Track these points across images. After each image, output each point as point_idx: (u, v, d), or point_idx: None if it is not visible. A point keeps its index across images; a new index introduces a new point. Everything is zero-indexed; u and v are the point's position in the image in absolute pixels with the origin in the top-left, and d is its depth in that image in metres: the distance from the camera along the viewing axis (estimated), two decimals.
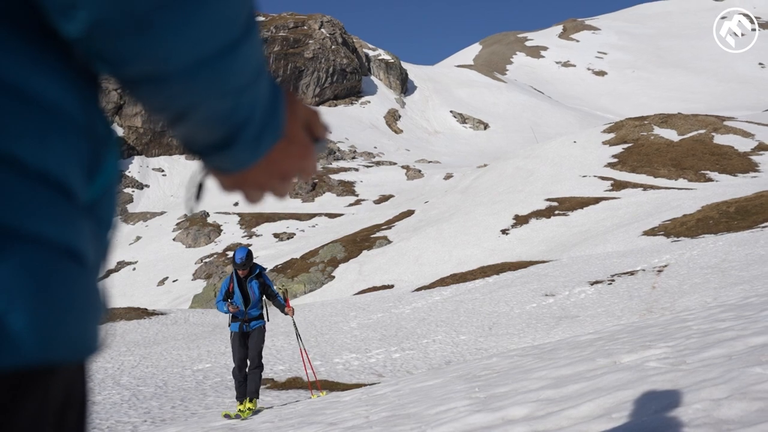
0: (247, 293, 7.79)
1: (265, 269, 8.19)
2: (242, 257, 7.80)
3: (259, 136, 0.71)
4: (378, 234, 41.13)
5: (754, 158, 44.99)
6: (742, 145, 47.27)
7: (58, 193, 0.57)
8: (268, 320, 8.23)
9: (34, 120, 0.55)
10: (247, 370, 7.73)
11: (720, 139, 48.59)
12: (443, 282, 22.31)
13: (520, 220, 35.87)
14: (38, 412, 0.55)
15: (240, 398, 7.69)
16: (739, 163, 44.24)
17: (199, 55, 0.61)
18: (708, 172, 43.03)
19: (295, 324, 9.55)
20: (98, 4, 0.56)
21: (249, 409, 7.46)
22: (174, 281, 45.60)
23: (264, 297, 8.08)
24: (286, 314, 8.37)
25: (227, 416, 7.37)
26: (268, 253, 45.04)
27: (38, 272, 0.53)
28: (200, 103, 0.65)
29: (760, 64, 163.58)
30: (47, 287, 0.54)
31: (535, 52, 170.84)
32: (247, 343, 7.77)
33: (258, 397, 7.79)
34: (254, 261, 8.15)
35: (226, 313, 7.70)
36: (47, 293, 0.54)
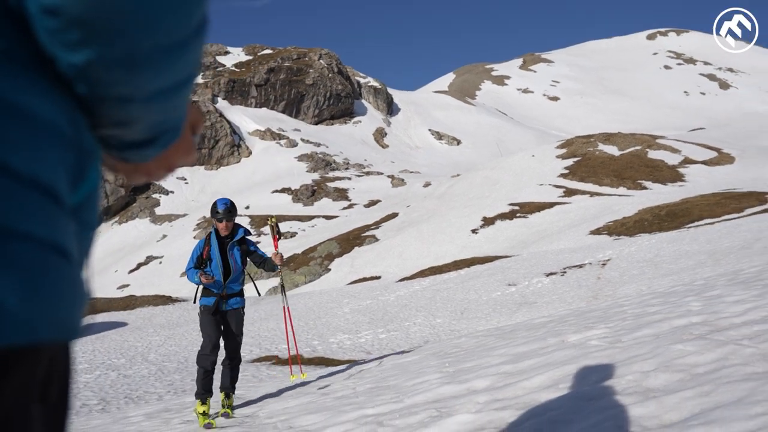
0: (227, 261, 5.38)
1: (249, 233, 5.65)
2: (226, 203, 5.44)
3: (169, 139, 0.73)
4: (368, 233, 41.03)
5: (681, 170, 45.33)
6: (671, 159, 47.62)
7: (46, 197, 0.56)
8: (260, 295, 6.33)
9: (28, 134, 0.55)
10: (220, 362, 5.41)
11: (653, 154, 48.92)
12: (422, 274, 22.29)
13: (488, 222, 35.90)
14: (24, 383, 0.55)
15: (203, 394, 5.13)
16: (669, 174, 44.55)
17: (162, 87, 0.63)
18: (643, 181, 43.29)
19: (281, 275, 6.54)
20: (106, 46, 0.56)
21: (228, 407, 5.32)
22: None
23: (245, 270, 5.63)
24: (273, 269, 5.70)
25: (208, 425, 4.91)
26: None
27: (25, 265, 0.53)
28: (145, 118, 0.66)
29: (685, 92, 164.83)
30: (33, 278, 0.54)
31: (500, 80, 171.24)
32: (223, 324, 5.40)
33: (234, 392, 5.54)
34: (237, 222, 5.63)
35: (197, 284, 5.29)
36: (33, 283, 0.54)
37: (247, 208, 59.53)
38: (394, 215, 46.43)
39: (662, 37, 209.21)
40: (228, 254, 5.41)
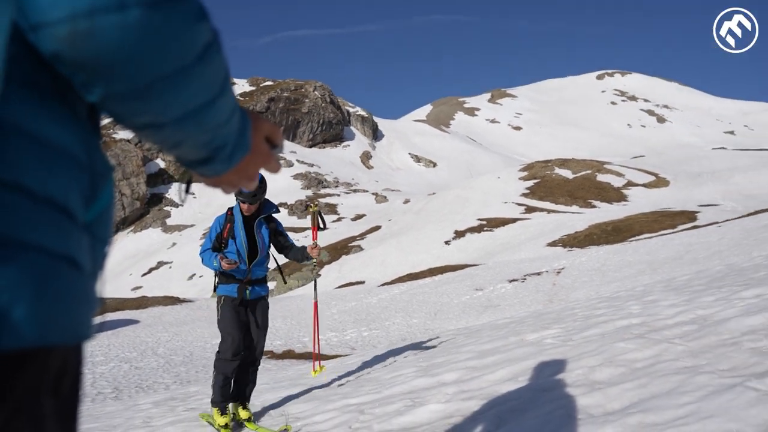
0: (255, 241, 4.03)
1: (278, 209, 4.22)
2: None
3: (231, 155, 0.73)
4: (354, 243, 40.90)
5: (625, 192, 45.91)
6: (617, 182, 48.23)
7: (60, 214, 0.56)
8: (285, 282, 5.25)
9: (43, 158, 0.55)
10: (244, 360, 4.00)
11: (601, 177, 49.51)
12: (401, 279, 22.23)
13: (459, 234, 35.99)
14: (36, 380, 0.55)
15: (222, 403, 3.94)
16: (614, 195, 45.09)
17: (185, 110, 0.62)
18: (593, 201, 43.76)
19: (315, 268, 4.72)
20: (108, 82, 0.56)
21: (249, 419, 4.02)
22: (200, 277, 44.73)
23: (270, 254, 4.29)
24: (307, 259, 4.23)
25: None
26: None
27: (38, 274, 0.53)
28: (187, 139, 0.66)
29: (628, 125, 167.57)
30: (46, 286, 0.53)
31: (471, 111, 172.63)
32: (249, 319, 4.02)
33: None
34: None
35: (215, 269, 3.93)
36: (45, 291, 0.53)
37: None
38: (377, 228, 46.37)
39: (609, 77, 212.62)
40: (255, 232, 4.05)
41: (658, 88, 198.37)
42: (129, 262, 58.21)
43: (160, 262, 52.91)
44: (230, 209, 4.14)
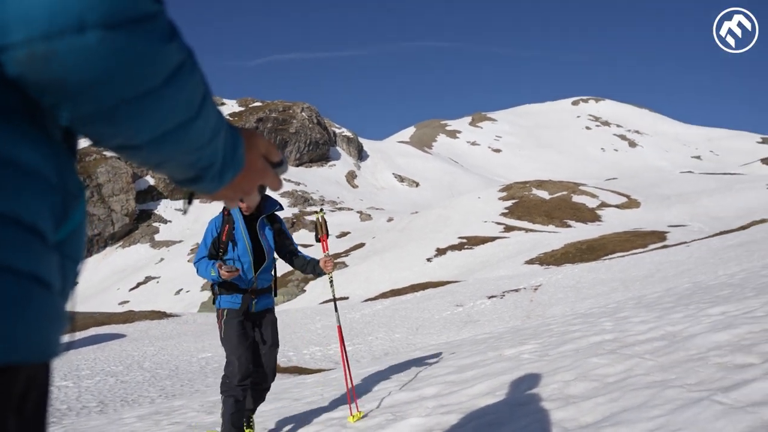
0: (259, 244, 3.44)
1: (281, 207, 3.60)
2: None
3: (221, 173, 0.71)
4: (338, 260, 40.75)
5: (599, 212, 46.54)
6: (591, 203, 48.88)
7: (28, 234, 0.54)
8: (275, 295, 3.66)
9: (12, 179, 0.53)
10: (252, 383, 3.44)
11: (576, 198, 50.16)
12: (384, 295, 22.15)
13: (440, 252, 36.05)
14: (1, 398, 0.52)
15: None
16: (589, 215, 45.67)
17: (159, 133, 0.60)
18: (568, 220, 44.25)
19: (332, 286, 3.96)
20: (74, 105, 0.54)
21: None
22: (187, 292, 44.13)
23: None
24: (319, 274, 3.67)
25: None
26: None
27: (3, 294, 0.51)
28: (168, 160, 0.65)
29: (602, 149, 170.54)
30: (11, 305, 0.51)
31: (453, 134, 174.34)
32: (255, 334, 3.46)
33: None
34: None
35: (214, 280, 3.33)
36: (11, 310, 0.51)
37: None
38: (361, 245, 46.28)
39: (584, 103, 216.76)
40: (259, 234, 3.43)
41: (630, 115, 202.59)
42: (117, 276, 57.22)
43: (147, 277, 52.11)
44: (226, 208, 3.40)
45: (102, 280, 58.01)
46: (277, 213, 3.64)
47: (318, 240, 3.87)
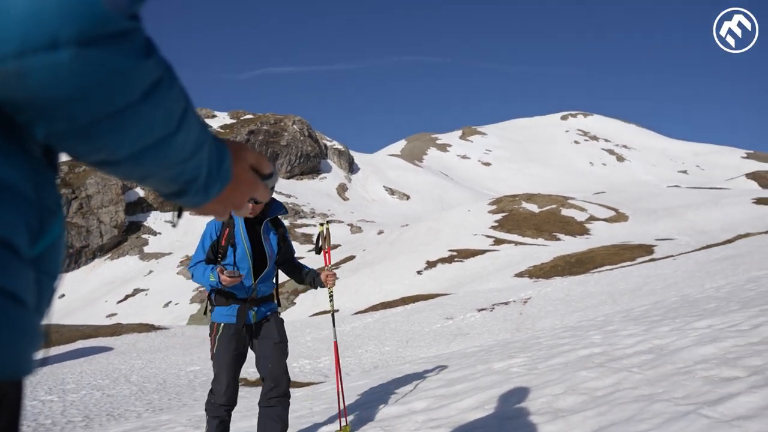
0: (261, 249, 3.17)
1: (285, 210, 3.35)
2: None
3: (207, 186, 0.70)
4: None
5: (587, 225, 46.84)
6: (580, 216, 49.21)
7: (1, 249, 0.53)
8: (279, 305, 3.43)
9: None
10: (264, 396, 3.08)
11: (565, 212, 50.49)
12: (374, 308, 22.08)
13: (431, 265, 36.04)
14: None
15: None
16: (578, 229, 45.95)
17: (138, 148, 0.59)
18: (558, 234, 44.48)
19: (332, 300, 3.89)
20: (48, 122, 0.54)
21: None
22: (176, 304, 43.67)
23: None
24: (319, 286, 3.44)
25: None
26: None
27: None
28: (150, 175, 0.64)
29: (591, 163, 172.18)
30: None
31: (443, 147, 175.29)
32: (254, 346, 3.17)
33: None
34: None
35: (212, 286, 3.05)
36: None
37: None
38: (352, 257, 46.16)
39: (572, 118, 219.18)
40: (262, 238, 3.16)
41: (618, 130, 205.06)
42: (105, 289, 56.56)
43: (136, 289, 51.56)
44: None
45: (90, 292, 57.31)
46: (281, 217, 3.36)
47: (319, 252, 3.64)
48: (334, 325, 3.82)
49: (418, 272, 34.98)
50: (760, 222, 38.86)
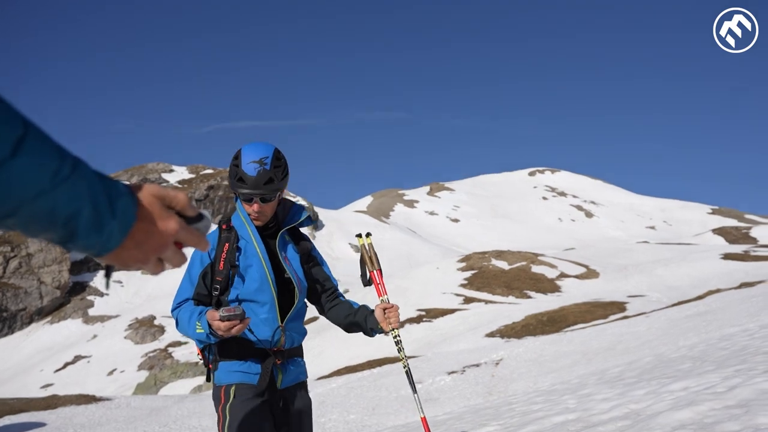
0: (282, 271, 2.22)
1: (311, 220, 2.53)
2: (264, 158, 2.14)
3: (99, 225, 0.66)
4: None
5: (558, 282, 47.50)
6: (550, 273, 49.96)
7: None
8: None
9: None
10: None
11: (536, 268, 51.21)
12: (338, 372, 21.47)
13: (399, 325, 35.57)
14: None
15: None
16: (549, 286, 46.51)
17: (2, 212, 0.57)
18: (528, 291, 44.89)
19: (401, 351, 2.86)
20: None
21: None
22: (121, 372, 41.54)
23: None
24: (374, 331, 2.56)
25: None
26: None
27: None
28: (13, 212, 0.61)
29: (559, 219, 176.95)
30: None
31: (410, 204, 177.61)
32: (278, 427, 2.15)
33: None
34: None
35: (202, 341, 2.07)
36: None
37: None
38: (315, 319, 45.19)
39: (540, 174, 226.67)
40: (280, 257, 2.25)
41: (585, 185, 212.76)
42: (41, 356, 53.43)
43: (77, 356, 48.90)
44: (225, 223, 2.27)
45: (23, 360, 54.04)
46: (303, 228, 2.28)
47: (367, 281, 2.63)
48: (414, 390, 2.41)
49: (385, 333, 34.43)
50: (729, 277, 40.21)
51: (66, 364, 47.76)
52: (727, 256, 48.44)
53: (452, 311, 36.59)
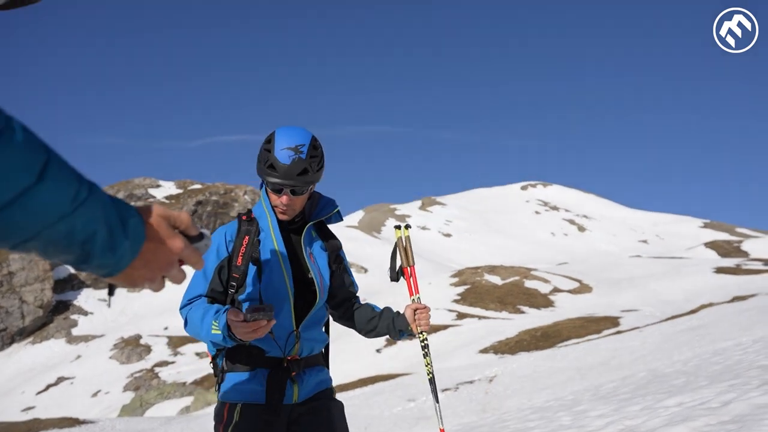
0: (306, 270, 2.01)
1: (341, 216, 2.28)
2: (300, 145, 1.87)
3: (113, 246, 0.69)
4: None
5: (552, 297, 47.60)
6: (544, 288, 50.09)
7: None
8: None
9: None
10: None
11: (529, 283, 51.32)
12: None
13: (390, 342, 35.40)
14: None
15: None
16: (542, 301, 46.59)
17: (21, 239, 0.60)
18: (522, 306, 44.92)
19: (428, 355, 2.62)
20: None
21: None
22: (106, 393, 40.91)
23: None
24: (403, 333, 2.34)
25: None
26: (189, 369, 41.60)
27: None
28: (34, 236, 0.63)
29: (552, 233, 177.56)
30: None
31: (402, 219, 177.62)
32: None
33: None
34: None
35: (218, 344, 1.81)
36: None
37: (166, 329, 55.65)
38: None
39: (532, 188, 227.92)
40: (304, 253, 2.07)
41: (577, 199, 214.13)
42: (22, 377, 52.52)
43: (60, 377, 48.10)
44: (246, 214, 2.04)
45: (4, 382, 53.10)
46: (332, 225, 2.18)
47: (397, 275, 2.36)
48: (437, 399, 2.23)
49: (377, 350, 34.23)
50: (721, 291, 40.51)
51: (48, 386, 46.92)
52: (720, 270, 48.88)
53: (445, 327, 36.47)
